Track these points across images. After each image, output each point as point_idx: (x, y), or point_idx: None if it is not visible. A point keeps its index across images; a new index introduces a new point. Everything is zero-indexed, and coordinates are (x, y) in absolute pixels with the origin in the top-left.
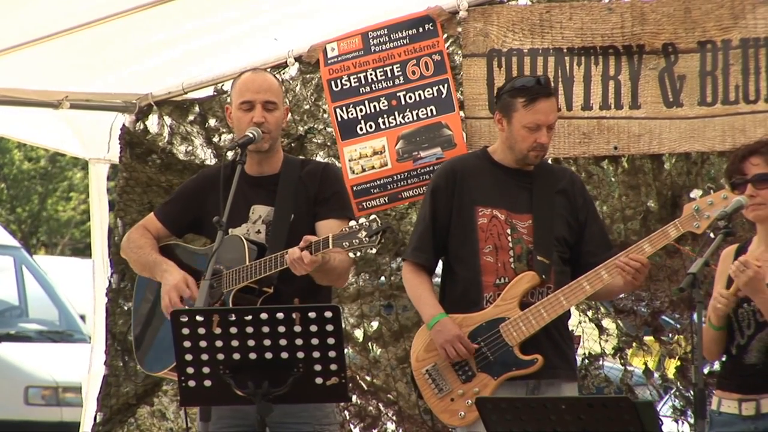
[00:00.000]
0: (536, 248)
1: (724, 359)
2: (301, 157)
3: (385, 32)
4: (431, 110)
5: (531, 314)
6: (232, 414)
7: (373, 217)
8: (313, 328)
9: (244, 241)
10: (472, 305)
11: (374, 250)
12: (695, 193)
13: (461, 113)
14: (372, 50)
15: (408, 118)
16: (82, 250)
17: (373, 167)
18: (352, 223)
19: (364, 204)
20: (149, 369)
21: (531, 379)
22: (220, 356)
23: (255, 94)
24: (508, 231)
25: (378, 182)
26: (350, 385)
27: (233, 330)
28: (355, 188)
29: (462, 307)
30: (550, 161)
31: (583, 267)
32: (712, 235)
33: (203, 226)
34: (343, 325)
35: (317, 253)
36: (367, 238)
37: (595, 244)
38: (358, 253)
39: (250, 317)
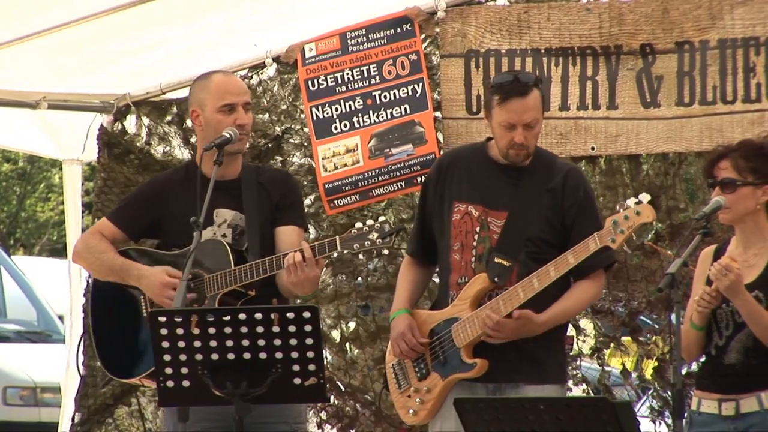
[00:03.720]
0: (498, 248)
1: (703, 360)
2: (257, 163)
3: (363, 33)
4: (405, 109)
5: (477, 317)
6: (207, 417)
7: (383, 218)
8: (292, 328)
9: (227, 245)
10: (441, 302)
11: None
12: (619, 206)
13: (438, 113)
14: (349, 50)
15: (382, 117)
16: (60, 250)
17: (345, 165)
18: (359, 225)
19: (335, 202)
20: (124, 375)
21: (491, 383)
22: (199, 356)
23: (236, 96)
24: (477, 228)
25: (349, 180)
26: (327, 386)
27: (212, 330)
28: (327, 186)
29: (437, 304)
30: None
31: (573, 269)
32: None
33: (163, 228)
34: (321, 326)
35: (321, 257)
36: (380, 240)
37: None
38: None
39: (228, 317)
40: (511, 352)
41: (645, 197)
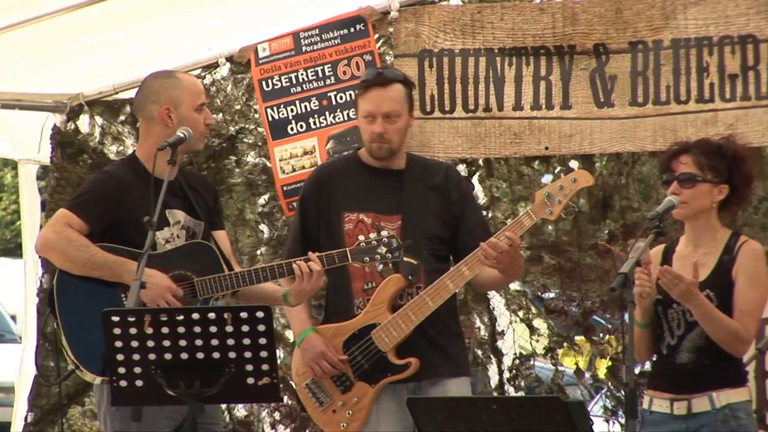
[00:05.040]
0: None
1: (655, 359)
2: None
3: (317, 32)
4: None
5: (400, 318)
6: (171, 415)
7: (386, 232)
8: (245, 328)
9: (214, 248)
10: (344, 313)
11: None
12: (546, 179)
13: None
14: (303, 50)
15: (338, 118)
16: (13, 250)
17: (303, 167)
18: (361, 237)
19: (293, 204)
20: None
21: (411, 382)
22: (152, 356)
23: (204, 97)
24: (374, 234)
25: None
26: (281, 385)
27: (165, 330)
28: (285, 188)
29: (336, 316)
30: (480, 162)
31: None
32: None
33: (123, 227)
34: (275, 326)
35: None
36: (389, 254)
37: (473, 237)
38: None
39: (181, 317)
40: (427, 349)
41: (574, 164)
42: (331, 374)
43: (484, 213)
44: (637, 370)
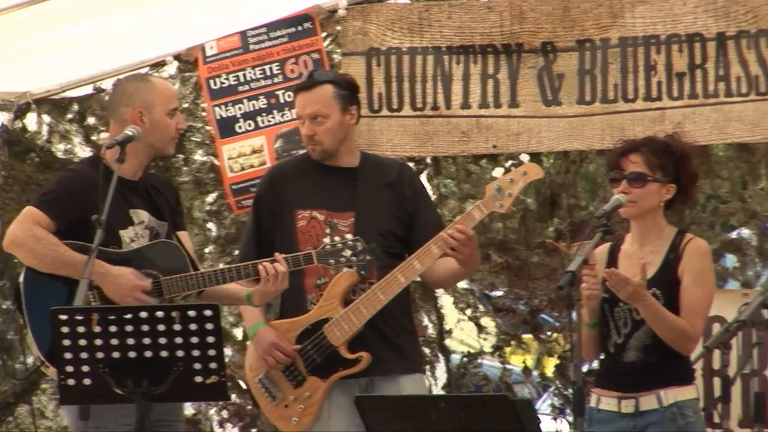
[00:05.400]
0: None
1: (602, 358)
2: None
3: (264, 31)
4: None
5: (351, 312)
6: (129, 413)
7: (350, 236)
8: (193, 326)
9: (181, 247)
10: (298, 309)
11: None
12: (497, 172)
13: None
14: (250, 49)
15: (286, 117)
16: None
17: (252, 166)
18: (327, 240)
19: (242, 202)
20: None
21: (363, 377)
22: (100, 355)
23: (177, 102)
24: (327, 231)
25: (256, 181)
26: (229, 384)
27: (113, 328)
28: (233, 187)
29: (291, 311)
30: (428, 160)
31: None
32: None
33: (88, 225)
34: (222, 324)
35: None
36: (354, 257)
37: (427, 233)
38: None
39: (129, 316)
40: (379, 345)
41: (525, 157)
42: (284, 363)
43: None
44: (584, 369)
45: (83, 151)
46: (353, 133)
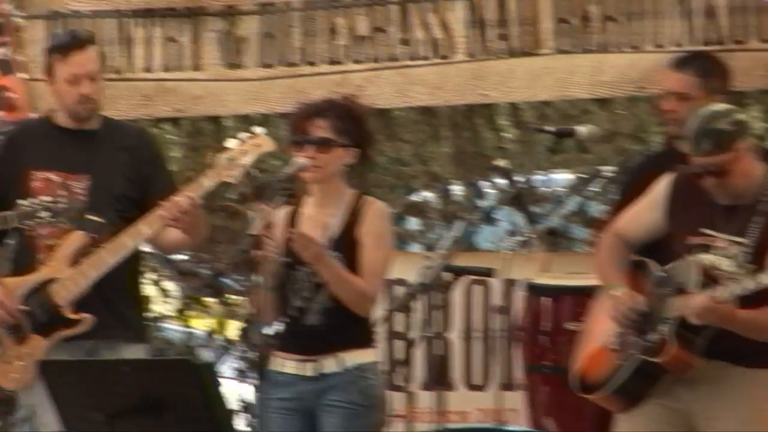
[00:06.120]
0: (88, 209)
1: (284, 321)
2: None
3: None
4: None
5: (78, 273)
6: None
7: (46, 197)
8: None
9: None
10: (27, 267)
11: None
12: (230, 143)
13: (25, 75)
14: None
15: None
16: None
17: None
18: (25, 201)
19: None
20: None
21: (88, 340)
22: None
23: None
24: (63, 193)
25: None
26: None
27: None
28: None
29: (20, 270)
30: None
31: None
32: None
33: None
34: None
35: None
36: (53, 219)
37: (160, 197)
38: None
39: None
40: (103, 310)
41: (260, 130)
42: (6, 323)
43: None
44: (269, 332)
45: None
46: None
